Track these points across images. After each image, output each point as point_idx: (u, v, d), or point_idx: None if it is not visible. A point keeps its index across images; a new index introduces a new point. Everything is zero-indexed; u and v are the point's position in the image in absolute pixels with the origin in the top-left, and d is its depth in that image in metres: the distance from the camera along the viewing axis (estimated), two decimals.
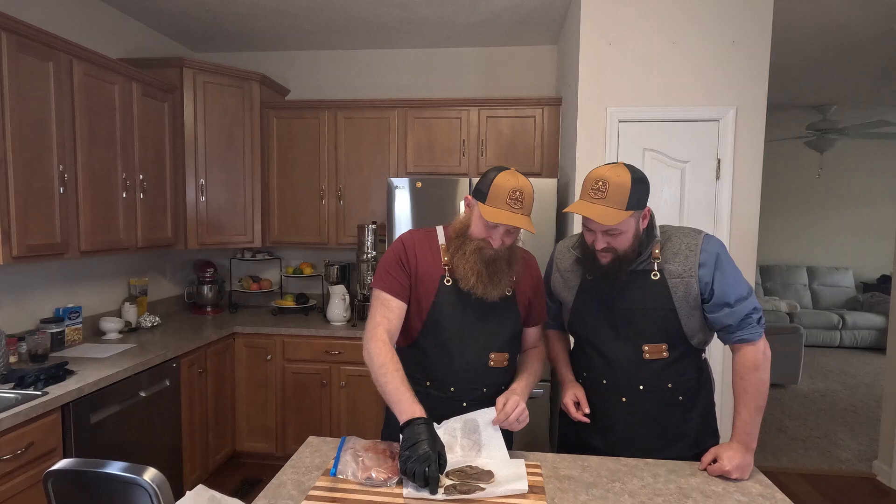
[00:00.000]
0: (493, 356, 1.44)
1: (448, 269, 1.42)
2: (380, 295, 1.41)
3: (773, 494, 1.24)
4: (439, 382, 1.44)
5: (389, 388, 1.28)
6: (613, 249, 1.36)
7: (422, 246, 1.45)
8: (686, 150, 2.49)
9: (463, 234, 1.39)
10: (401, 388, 1.27)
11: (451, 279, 1.41)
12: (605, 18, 2.50)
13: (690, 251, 1.38)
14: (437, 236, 1.48)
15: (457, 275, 1.38)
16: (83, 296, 2.77)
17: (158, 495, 0.95)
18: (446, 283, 1.42)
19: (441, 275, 1.42)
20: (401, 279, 1.41)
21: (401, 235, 1.48)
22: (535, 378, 1.49)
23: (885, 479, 3.14)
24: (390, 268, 1.42)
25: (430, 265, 1.43)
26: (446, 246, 1.44)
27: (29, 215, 2.06)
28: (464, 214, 1.42)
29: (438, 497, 1.14)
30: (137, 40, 3.18)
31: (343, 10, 3.01)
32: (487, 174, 1.36)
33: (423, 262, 1.43)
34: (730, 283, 1.35)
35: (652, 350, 1.41)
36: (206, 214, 3.13)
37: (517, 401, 1.32)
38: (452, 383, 1.43)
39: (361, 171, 3.30)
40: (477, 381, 1.44)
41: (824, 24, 3.14)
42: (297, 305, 3.47)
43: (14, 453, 1.67)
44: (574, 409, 1.45)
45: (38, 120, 2.10)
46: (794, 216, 7.10)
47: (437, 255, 1.44)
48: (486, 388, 1.45)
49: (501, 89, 3.53)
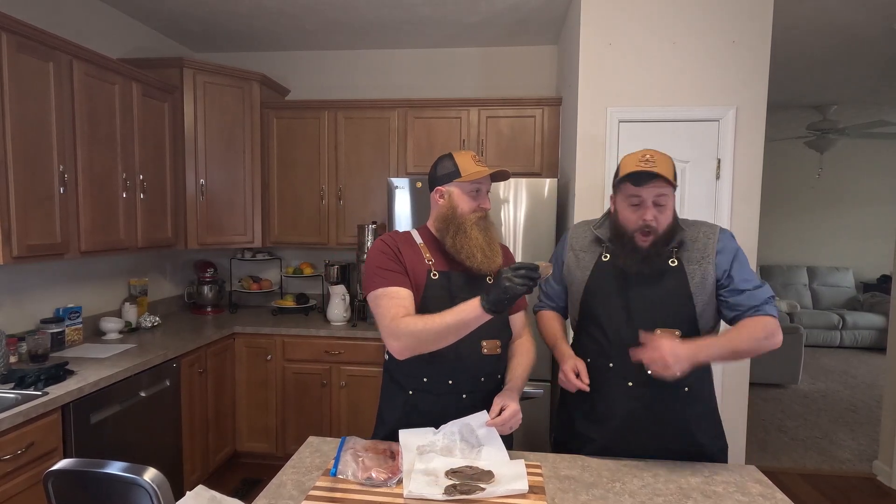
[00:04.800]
0: (486, 343, 1.44)
1: (432, 264, 1.44)
2: (383, 292, 1.37)
3: (774, 494, 1.24)
4: (437, 376, 1.44)
5: (447, 318, 1.26)
6: (655, 230, 1.39)
7: (403, 244, 1.47)
8: (686, 150, 2.49)
9: (453, 218, 1.42)
10: (449, 311, 1.26)
11: (437, 273, 1.43)
12: (605, 18, 2.50)
13: (708, 239, 1.44)
14: (413, 237, 1.50)
15: (462, 255, 1.41)
16: (83, 296, 2.77)
17: (158, 495, 0.95)
18: (433, 278, 1.43)
19: (427, 269, 1.44)
20: (398, 270, 1.41)
21: (378, 238, 1.49)
22: (527, 374, 1.50)
23: (885, 479, 3.13)
24: (383, 265, 1.40)
25: (416, 262, 1.44)
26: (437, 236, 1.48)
27: (29, 215, 2.06)
28: (441, 205, 1.45)
29: (438, 497, 1.15)
30: (137, 40, 3.19)
31: (343, 10, 3.01)
32: (442, 160, 1.47)
33: (409, 259, 1.44)
34: (747, 270, 1.41)
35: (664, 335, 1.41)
36: (206, 214, 3.13)
37: (515, 410, 1.33)
38: (450, 376, 1.43)
39: (362, 171, 3.30)
40: (473, 370, 1.44)
41: (824, 24, 3.14)
42: (297, 305, 3.47)
43: (14, 453, 1.67)
44: (573, 377, 1.43)
45: (39, 120, 2.10)
46: (794, 216, 7.09)
47: (420, 253, 1.46)
48: (483, 378, 1.46)
49: (501, 89, 3.53)
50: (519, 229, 2.71)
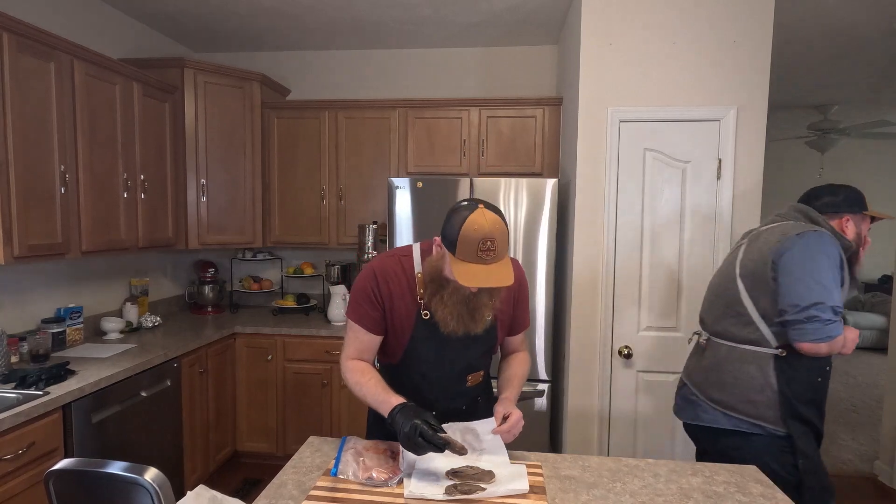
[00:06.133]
0: (470, 377, 1.48)
1: (423, 304, 1.35)
2: (353, 326, 1.39)
3: (774, 494, 1.24)
4: (421, 402, 1.33)
5: (369, 397, 1.31)
6: None
7: (395, 278, 1.37)
8: (687, 150, 2.49)
9: (437, 278, 1.28)
10: (378, 391, 1.29)
11: (429, 312, 1.34)
12: (605, 18, 2.50)
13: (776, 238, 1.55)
14: (412, 261, 1.38)
15: (436, 318, 1.30)
16: (84, 296, 2.77)
17: (159, 495, 0.95)
18: (423, 318, 1.35)
19: (416, 310, 1.36)
20: (373, 314, 1.36)
21: (371, 264, 1.40)
22: (522, 384, 1.50)
23: (886, 479, 3.13)
24: (362, 300, 1.37)
25: (405, 300, 1.36)
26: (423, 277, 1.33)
27: (30, 215, 2.06)
28: (434, 255, 1.29)
29: (439, 497, 1.15)
30: (138, 40, 3.19)
31: (344, 10, 3.01)
32: (453, 219, 1.20)
33: (397, 295, 1.36)
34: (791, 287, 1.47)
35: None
36: (206, 214, 3.13)
37: (519, 417, 1.32)
38: (433, 405, 1.42)
39: (362, 171, 3.30)
40: (455, 400, 1.49)
41: (825, 24, 3.14)
42: (297, 305, 3.47)
43: (15, 453, 1.68)
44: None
45: (40, 120, 2.10)
46: None
47: (413, 287, 1.36)
48: (465, 406, 1.51)
49: (502, 89, 3.53)
50: (519, 229, 2.71)
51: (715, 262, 2.47)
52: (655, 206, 2.51)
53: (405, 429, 1.15)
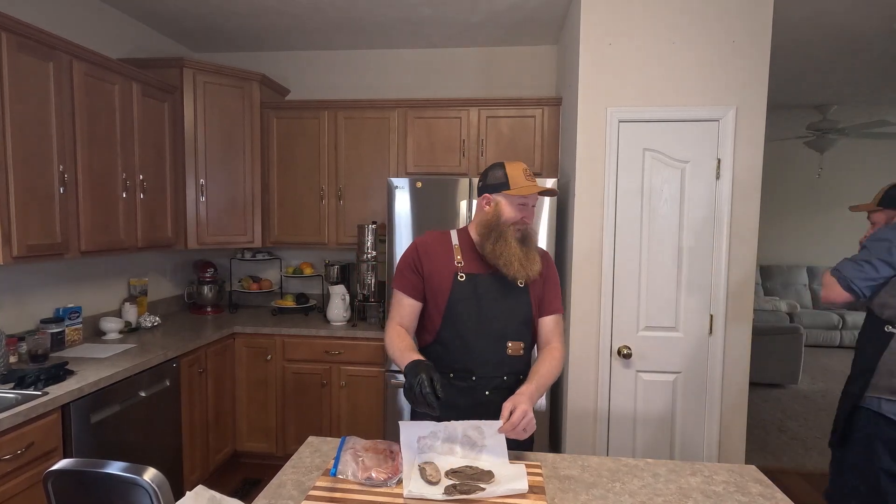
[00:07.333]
0: (511, 344, 1.53)
1: (461, 266, 1.53)
2: (395, 293, 1.58)
3: (774, 494, 1.24)
4: (461, 372, 1.52)
5: (396, 354, 1.43)
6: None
7: (435, 248, 1.57)
8: (686, 150, 2.49)
9: (496, 225, 1.49)
10: (403, 349, 1.41)
11: (465, 275, 1.52)
12: (605, 18, 2.50)
13: None
14: (451, 238, 1.60)
15: (500, 262, 1.48)
16: (83, 296, 2.77)
17: (158, 495, 0.95)
18: (460, 280, 1.52)
19: (454, 272, 1.53)
20: (413, 280, 1.55)
21: (416, 239, 1.62)
22: (546, 380, 1.46)
23: None
24: (405, 269, 1.57)
25: (444, 265, 1.54)
26: (476, 241, 1.56)
27: (29, 215, 2.06)
28: (486, 211, 1.53)
29: (438, 497, 1.15)
30: (137, 40, 3.19)
31: (344, 10, 3.01)
32: (494, 170, 1.53)
33: (437, 262, 1.54)
34: None
35: None
36: (206, 214, 3.13)
37: (524, 410, 1.30)
38: (473, 371, 1.51)
39: (361, 171, 3.30)
40: (496, 368, 1.52)
41: (824, 24, 3.14)
42: (297, 305, 3.47)
43: (14, 453, 1.67)
44: None
45: (39, 120, 2.10)
46: (794, 216, 7.09)
47: (451, 255, 1.56)
48: (506, 376, 1.54)
49: (502, 89, 3.53)
50: None
51: (714, 261, 2.47)
52: (655, 205, 2.52)
53: (410, 380, 1.26)
